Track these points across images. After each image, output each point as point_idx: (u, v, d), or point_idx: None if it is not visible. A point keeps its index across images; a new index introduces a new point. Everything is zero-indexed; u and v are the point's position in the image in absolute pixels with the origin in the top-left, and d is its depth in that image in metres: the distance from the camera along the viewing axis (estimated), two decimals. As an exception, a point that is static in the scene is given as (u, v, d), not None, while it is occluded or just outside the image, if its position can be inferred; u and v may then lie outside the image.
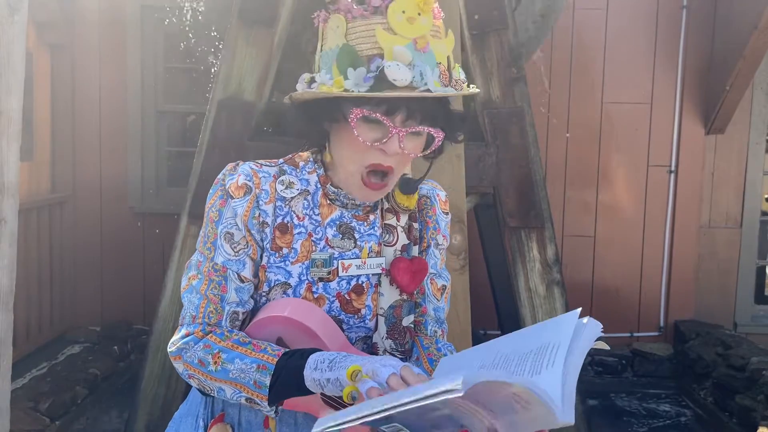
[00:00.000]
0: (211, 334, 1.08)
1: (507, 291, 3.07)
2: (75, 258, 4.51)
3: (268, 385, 1.00)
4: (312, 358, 0.98)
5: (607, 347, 0.94)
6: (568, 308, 2.96)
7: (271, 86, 2.89)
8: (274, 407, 1.02)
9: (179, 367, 1.10)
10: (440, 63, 1.04)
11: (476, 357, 1.00)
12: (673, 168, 4.46)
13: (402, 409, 0.80)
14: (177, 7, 4.20)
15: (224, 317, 1.11)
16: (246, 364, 1.02)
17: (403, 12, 1.02)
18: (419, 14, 1.02)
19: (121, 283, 4.50)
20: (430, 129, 1.07)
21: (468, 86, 1.10)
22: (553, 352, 0.83)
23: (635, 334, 4.53)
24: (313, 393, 0.99)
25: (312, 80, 1.10)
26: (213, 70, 4.12)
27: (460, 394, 0.76)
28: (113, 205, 4.51)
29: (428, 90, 1.01)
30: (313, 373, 0.96)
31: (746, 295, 4.55)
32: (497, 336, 1.04)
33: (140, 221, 4.51)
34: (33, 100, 4.09)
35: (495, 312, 3.84)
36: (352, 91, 1.00)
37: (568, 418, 0.77)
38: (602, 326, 0.90)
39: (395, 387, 0.89)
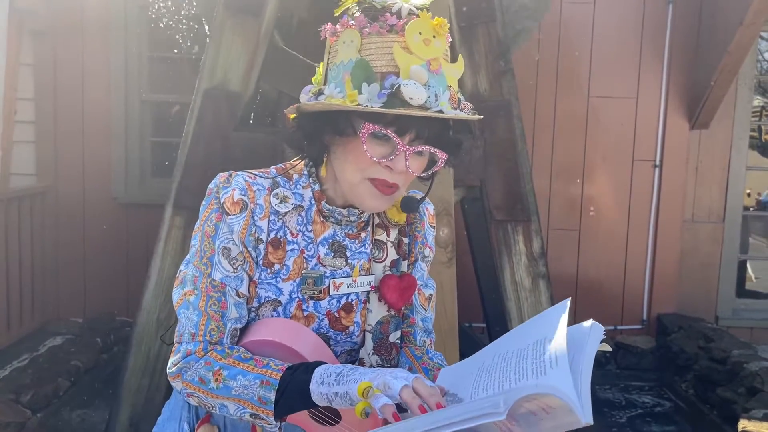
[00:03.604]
0: (212, 352, 1.06)
1: (493, 284, 3.08)
2: (57, 249, 4.45)
3: (273, 400, 0.99)
4: (318, 372, 0.97)
5: (610, 349, 0.95)
6: (553, 301, 2.98)
7: (257, 76, 2.86)
8: (278, 423, 1.01)
9: (177, 385, 1.08)
10: (450, 86, 1.05)
11: (475, 363, 0.99)
12: (657, 163, 4.49)
13: None
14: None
15: (226, 335, 1.09)
16: (249, 380, 1.01)
17: (420, 33, 1.02)
18: (434, 37, 1.03)
19: (105, 274, 4.46)
20: (435, 150, 1.06)
21: (473, 111, 1.10)
22: (552, 349, 0.83)
23: (619, 327, 4.57)
24: (319, 406, 0.98)
25: (319, 92, 1.08)
26: (196, 57, 4.08)
27: (503, 418, 0.75)
28: (96, 195, 4.46)
29: (441, 111, 1.01)
30: (320, 387, 0.96)
31: (728, 289, 4.61)
32: (483, 329, 1.04)
33: (124, 212, 4.46)
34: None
35: (481, 305, 3.85)
36: (366, 106, 0.99)
37: (589, 418, 0.77)
38: (604, 329, 0.90)
39: (408, 400, 0.89)
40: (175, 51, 4.49)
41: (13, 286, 3.94)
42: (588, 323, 0.91)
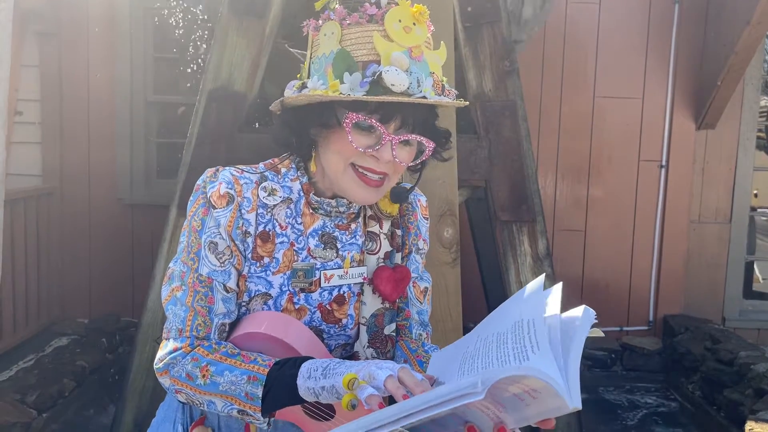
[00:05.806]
0: (199, 347, 1.05)
1: (498, 284, 3.07)
2: (63, 249, 4.46)
3: (260, 396, 0.98)
4: (305, 366, 0.97)
5: (602, 334, 0.94)
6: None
7: (262, 77, 2.86)
8: (266, 418, 1.00)
9: (165, 382, 1.07)
10: (434, 73, 1.05)
11: (459, 350, 0.98)
12: (663, 163, 4.47)
13: (420, 417, 0.78)
14: (167, -3, 4.15)
15: (213, 330, 1.08)
16: (236, 376, 1.00)
17: (399, 21, 1.02)
18: (414, 24, 1.03)
19: (110, 274, 4.47)
20: (421, 138, 1.06)
21: (458, 98, 1.09)
22: (531, 332, 0.81)
23: (625, 328, 4.55)
24: (306, 402, 0.97)
25: (303, 86, 1.09)
26: (202, 60, 4.09)
27: (481, 397, 0.74)
28: (102, 196, 4.47)
29: (424, 97, 1.01)
30: (306, 381, 0.95)
31: (735, 290, 4.58)
32: None
33: (129, 212, 4.47)
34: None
35: (485, 305, 3.84)
36: (348, 95, 0.99)
37: (577, 403, 0.76)
38: (595, 313, 0.89)
39: (393, 390, 0.88)
40: (180, 52, 4.49)
41: (19, 286, 3.95)
42: (579, 309, 0.89)
